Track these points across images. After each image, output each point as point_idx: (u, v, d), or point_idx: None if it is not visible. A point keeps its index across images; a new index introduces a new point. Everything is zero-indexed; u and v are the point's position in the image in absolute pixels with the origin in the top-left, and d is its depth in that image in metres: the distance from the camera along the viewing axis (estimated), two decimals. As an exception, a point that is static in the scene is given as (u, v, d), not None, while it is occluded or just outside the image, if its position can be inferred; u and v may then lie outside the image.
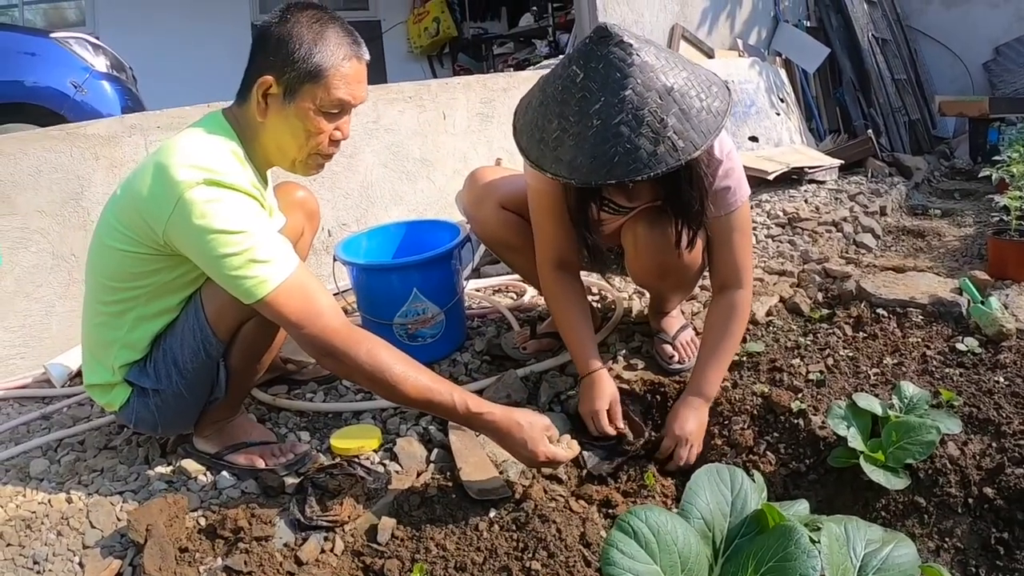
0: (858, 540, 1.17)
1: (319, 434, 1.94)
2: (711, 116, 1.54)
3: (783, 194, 4.27)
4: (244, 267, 1.42)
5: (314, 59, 1.50)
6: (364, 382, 1.53)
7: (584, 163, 1.51)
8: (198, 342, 1.60)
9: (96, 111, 3.34)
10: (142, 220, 1.47)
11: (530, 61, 6.90)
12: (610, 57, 1.51)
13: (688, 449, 1.80)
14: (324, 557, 1.47)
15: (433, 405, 1.54)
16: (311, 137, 1.57)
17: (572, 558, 1.41)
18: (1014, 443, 1.65)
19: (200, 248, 1.43)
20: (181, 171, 1.41)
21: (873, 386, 1.94)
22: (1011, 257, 2.70)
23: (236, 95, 1.59)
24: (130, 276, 1.55)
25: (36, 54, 3.40)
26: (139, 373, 1.63)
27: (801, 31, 5.91)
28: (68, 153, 2.39)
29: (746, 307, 1.95)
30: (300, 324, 1.46)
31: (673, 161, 1.49)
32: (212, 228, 1.40)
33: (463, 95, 3.60)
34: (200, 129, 1.55)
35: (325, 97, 1.53)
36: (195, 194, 1.40)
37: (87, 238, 2.42)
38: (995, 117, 5.36)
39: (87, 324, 1.66)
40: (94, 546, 1.54)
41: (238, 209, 1.44)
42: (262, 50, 1.52)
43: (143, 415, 1.66)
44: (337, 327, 1.48)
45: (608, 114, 1.49)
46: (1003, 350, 2.03)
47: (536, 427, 1.58)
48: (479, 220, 2.17)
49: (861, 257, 3.17)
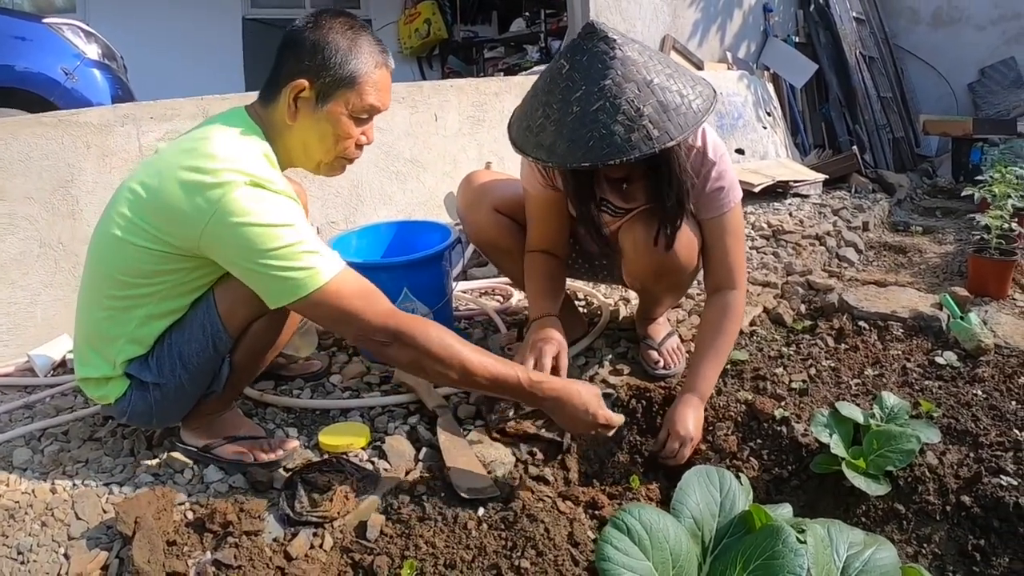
0: (841, 542, 1.20)
1: (307, 431, 1.94)
2: (691, 112, 1.59)
3: (768, 207, 4.33)
4: (295, 258, 1.41)
5: (349, 66, 1.54)
6: (434, 366, 1.50)
7: (562, 147, 1.59)
8: (208, 337, 1.60)
9: (86, 99, 3.30)
10: (175, 221, 1.44)
11: (520, 66, 6.91)
12: (594, 50, 1.60)
13: (688, 448, 1.81)
14: (313, 553, 1.47)
15: (499, 384, 1.56)
16: (340, 141, 1.61)
17: (561, 557, 1.43)
18: (991, 454, 1.69)
19: (242, 246, 1.41)
20: (224, 174, 1.41)
21: (854, 396, 1.98)
22: (991, 275, 2.77)
23: (260, 94, 1.60)
24: (147, 273, 1.52)
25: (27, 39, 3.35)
26: (140, 367, 1.61)
27: (790, 46, 5.99)
28: (59, 140, 2.37)
29: (740, 307, 1.98)
30: (360, 313, 1.46)
31: (647, 148, 1.54)
32: (258, 223, 1.40)
33: (455, 98, 3.62)
34: (229, 128, 1.53)
35: (357, 103, 1.57)
36: (239, 194, 1.40)
37: (75, 226, 2.42)
38: (978, 137, 5.46)
39: (87, 316, 1.62)
40: (80, 537, 1.52)
41: (282, 205, 1.45)
42: (294, 54, 1.54)
43: (140, 408, 1.64)
44: (399, 312, 1.50)
45: (587, 101, 1.56)
46: (981, 364, 2.08)
47: (592, 392, 1.65)
48: (472, 222, 2.20)
49: (844, 271, 3.22)
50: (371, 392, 2.11)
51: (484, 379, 1.53)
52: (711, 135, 1.88)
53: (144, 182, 1.49)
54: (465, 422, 1.93)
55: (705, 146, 1.85)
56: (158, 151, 1.59)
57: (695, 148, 1.85)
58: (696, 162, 1.85)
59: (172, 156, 1.49)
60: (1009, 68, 6.44)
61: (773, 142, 5.37)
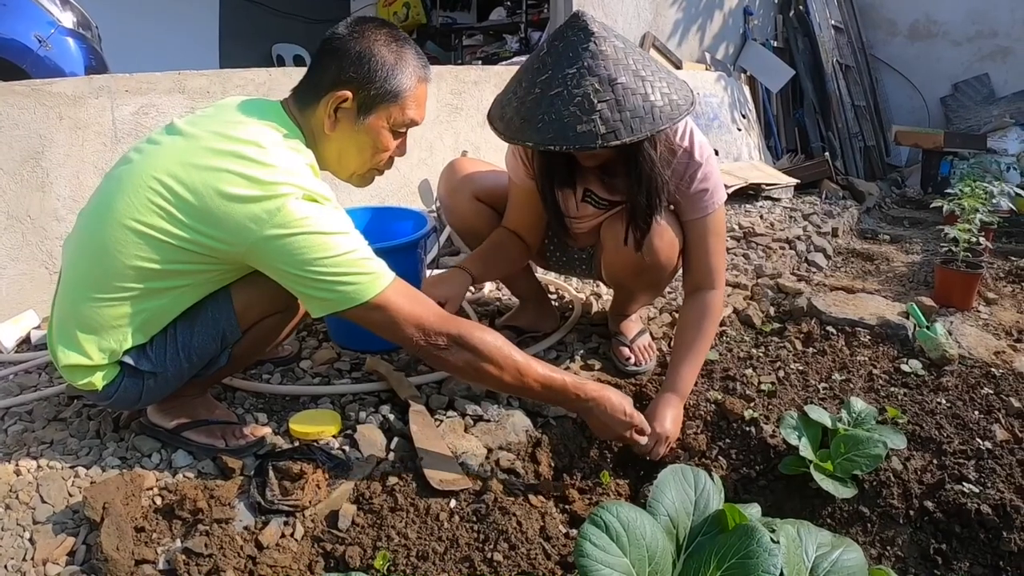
0: (810, 543, 1.22)
1: (276, 416, 1.92)
2: (649, 117, 1.60)
3: (739, 208, 4.38)
4: (353, 265, 1.41)
5: (395, 80, 1.53)
6: (490, 368, 1.53)
7: (516, 122, 1.66)
8: (218, 330, 1.56)
9: (59, 68, 3.21)
10: (222, 228, 1.39)
11: (499, 56, 6.90)
12: (571, 39, 1.63)
13: (665, 445, 1.82)
14: (284, 542, 1.45)
15: (548, 386, 1.60)
16: (377, 153, 1.61)
17: (533, 551, 1.43)
18: (954, 461, 1.73)
19: (296, 255, 1.38)
20: (281, 187, 1.38)
21: (822, 399, 2.02)
22: (956, 286, 2.83)
23: (298, 97, 1.57)
24: (172, 269, 1.45)
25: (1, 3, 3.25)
26: (138, 356, 1.54)
27: (768, 51, 6.05)
28: (32, 110, 2.31)
29: (718, 307, 2.00)
30: (421, 317, 1.47)
31: (589, 142, 1.57)
32: (314, 231, 1.38)
33: (434, 84, 3.54)
34: (275, 130, 1.48)
35: (399, 117, 1.57)
36: (294, 206, 1.38)
37: (44, 199, 2.37)
38: (948, 151, 5.56)
39: (82, 302, 1.49)
40: (45, 521, 1.48)
41: (338, 216, 1.44)
42: (337, 63, 1.51)
43: (128, 395, 1.57)
44: (453, 316, 1.53)
45: (549, 85, 1.61)
46: (946, 374, 2.13)
47: (626, 398, 1.72)
48: (453, 208, 2.21)
49: (812, 275, 3.27)
50: (342, 379, 2.09)
51: (535, 381, 1.57)
52: (698, 137, 1.89)
53: (176, 175, 1.41)
54: (437, 412, 1.93)
55: (692, 147, 1.87)
56: (177, 130, 1.50)
57: (681, 149, 1.86)
58: (681, 163, 1.86)
59: (211, 153, 1.42)
60: (982, 84, 6.58)
61: (747, 144, 5.43)
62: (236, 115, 1.50)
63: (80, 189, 2.43)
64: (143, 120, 2.55)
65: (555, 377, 1.61)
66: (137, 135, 2.52)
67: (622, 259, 1.98)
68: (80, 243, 1.52)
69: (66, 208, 2.41)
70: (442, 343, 1.49)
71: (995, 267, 3.50)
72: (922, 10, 6.79)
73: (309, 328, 2.40)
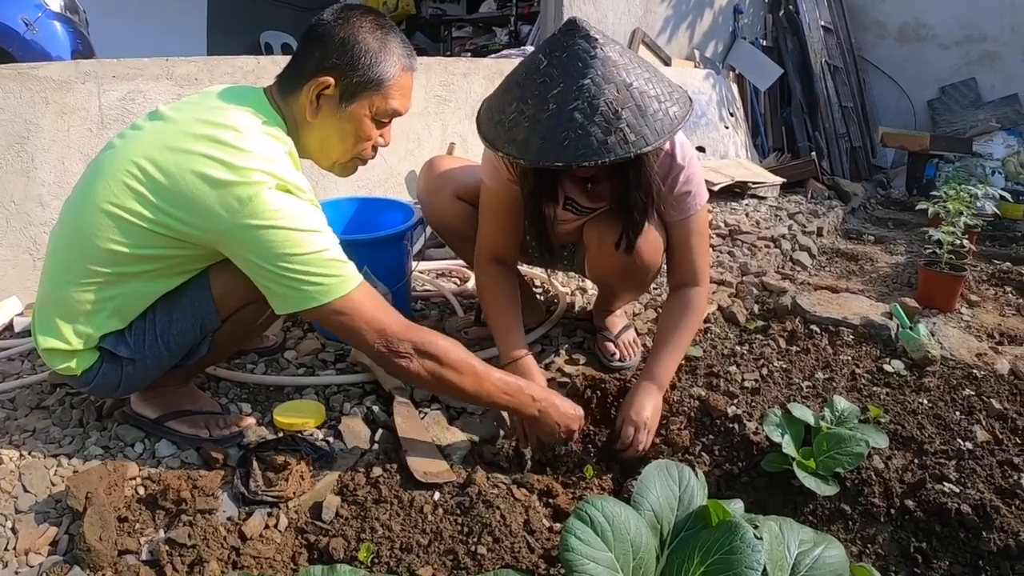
0: (792, 539, 1.23)
1: (260, 407, 1.91)
2: (668, 118, 1.58)
3: (725, 206, 4.40)
4: (324, 264, 1.39)
5: (378, 68, 1.51)
6: (451, 376, 1.53)
7: (535, 144, 1.55)
8: (197, 317, 1.55)
9: (45, 52, 3.17)
10: (194, 213, 1.38)
11: (488, 48, 6.88)
12: (575, 48, 1.56)
13: (645, 434, 1.81)
14: (268, 533, 1.45)
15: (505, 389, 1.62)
16: (359, 142, 1.59)
17: (517, 544, 1.44)
18: (935, 461, 1.75)
19: (265, 248, 1.37)
20: (255, 174, 1.36)
21: (805, 398, 2.03)
22: (940, 288, 2.86)
23: (281, 84, 1.55)
24: (144, 252, 1.44)
25: (-13, -15, 3.21)
26: (116, 342, 1.53)
27: (757, 49, 6.07)
28: (17, 94, 2.28)
29: (702, 303, 2.01)
30: (385, 324, 1.46)
31: (623, 152, 1.52)
32: (285, 226, 1.36)
33: (423, 76, 3.58)
34: (254, 115, 1.46)
35: (382, 106, 1.55)
36: (268, 196, 1.36)
37: (28, 185, 2.34)
38: (934, 153, 5.59)
39: (62, 287, 1.49)
40: (27, 511, 1.47)
41: (312, 213, 1.42)
42: (321, 49, 1.49)
43: (108, 381, 1.56)
44: (417, 326, 1.52)
45: (564, 99, 1.52)
46: (928, 375, 2.15)
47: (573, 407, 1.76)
48: (433, 208, 2.18)
49: (796, 274, 3.29)
50: (326, 370, 2.09)
51: (493, 386, 1.59)
52: (679, 138, 1.88)
53: (153, 159, 1.40)
54: (421, 404, 1.93)
55: (673, 150, 1.86)
56: (160, 115, 1.49)
57: (663, 151, 1.85)
58: (664, 166, 1.85)
59: (187, 137, 1.41)
60: (969, 88, 6.62)
61: (734, 142, 5.45)
62: (218, 101, 1.49)
63: (65, 175, 2.40)
64: (130, 106, 2.53)
65: (510, 381, 1.63)
66: (123, 121, 2.49)
67: (606, 260, 1.97)
68: (61, 229, 1.52)
69: (51, 194, 2.39)
70: (404, 350, 1.48)
71: (978, 270, 3.54)
72: (911, 13, 6.83)
73: (294, 318, 2.39)
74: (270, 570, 1.36)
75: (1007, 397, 2.05)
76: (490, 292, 2.01)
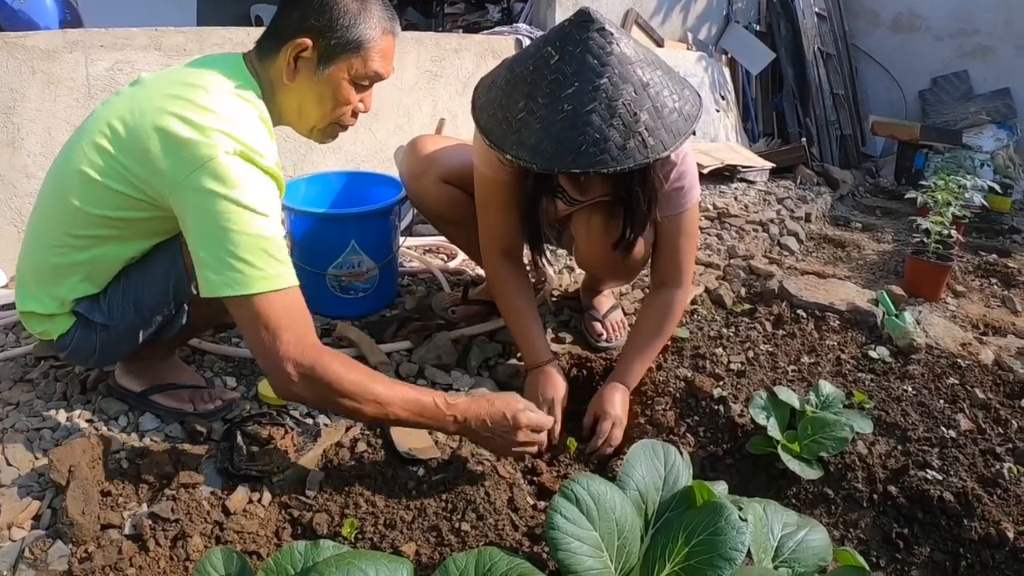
0: (776, 522, 1.24)
1: (245, 381, 1.90)
2: (682, 119, 1.53)
3: (714, 189, 4.40)
4: (254, 254, 1.30)
5: (357, 29, 1.46)
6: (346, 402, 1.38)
7: (549, 148, 1.46)
8: (169, 285, 1.52)
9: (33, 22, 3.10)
10: (149, 169, 1.34)
11: (480, 25, 6.80)
12: (589, 43, 1.47)
13: (620, 430, 1.82)
14: (252, 508, 1.44)
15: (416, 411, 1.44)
16: (337, 107, 1.53)
17: (501, 521, 1.44)
18: (918, 448, 1.76)
19: (210, 215, 1.29)
20: (215, 135, 1.30)
21: (790, 381, 2.04)
22: (926, 277, 2.87)
23: (260, 48, 1.51)
24: (112, 215, 1.42)
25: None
26: (90, 307, 1.52)
27: (750, 34, 6.04)
28: (4, 64, 2.24)
29: (681, 307, 1.99)
30: (281, 334, 1.31)
31: (641, 158, 1.47)
32: (236, 200, 1.29)
33: (414, 50, 3.54)
34: (227, 79, 1.42)
35: (361, 69, 1.50)
36: (225, 161, 1.30)
37: (14, 155, 2.31)
38: (924, 144, 5.59)
39: (38, 250, 1.50)
40: (10, 485, 1.46)
41: (266, 193, 1.34)
42: (299, 10, 1.45)
43: (83, 347, 1.55)
44: (323, 348, 1.37)
45: (580, 100, 1.44)
46: (912, 362, 2.16)
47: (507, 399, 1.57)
48: (418, 193, 2.12)
49: (784, 258, 3.31)
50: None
51: (402, 410, 1.42)
52: None
53: (124, 118, 1.37)
54: (407, 380, 1.92)
55: None
56: (140, 81, 1.47)
57: None
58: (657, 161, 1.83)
59: (158, 96, 1.37)
60: (961, 80, 6.61)
61: (724, 126, 5.44)
62: (195, 67, 1.46)
63: (51, 145, 2.36)
64: (117, 76, 2.49)
65: (424, 400, 1.44)
66: (111, 91, 2.45)
67: (595, 252, 1.96)
68: (41, 192, 1.52)
69: (36, 165, 2.35)
70: (293, 371, 1.33)
71: (964, 261, 3.56)
72: (905, 3, 6.80)
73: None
74: (253, 544, 1.36)
75: (991, 387, 2.07)
76: (506, 294, 1.98)
